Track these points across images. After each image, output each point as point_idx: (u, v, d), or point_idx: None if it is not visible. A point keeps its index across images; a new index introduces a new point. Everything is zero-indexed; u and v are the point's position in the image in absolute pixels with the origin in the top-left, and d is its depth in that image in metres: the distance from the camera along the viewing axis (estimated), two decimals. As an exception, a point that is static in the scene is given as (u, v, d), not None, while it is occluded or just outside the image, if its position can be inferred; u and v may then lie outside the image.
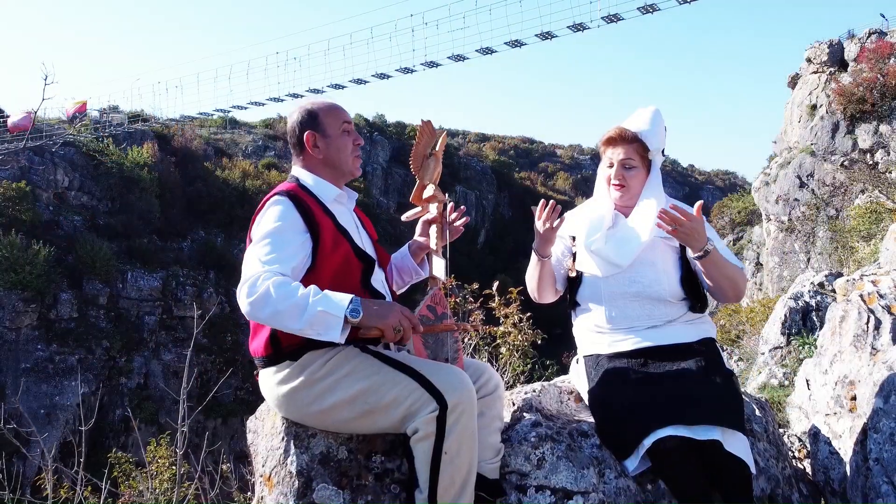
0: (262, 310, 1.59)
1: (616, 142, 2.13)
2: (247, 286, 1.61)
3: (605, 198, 2.18)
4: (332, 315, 1.57)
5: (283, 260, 1.67)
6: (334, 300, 1.59)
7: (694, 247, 1.89)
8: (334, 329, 1.58)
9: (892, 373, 2.11)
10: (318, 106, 1.91)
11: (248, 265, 1.67)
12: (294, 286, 1.61)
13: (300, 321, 1.57)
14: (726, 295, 1.99)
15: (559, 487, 1.84)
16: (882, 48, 22.01)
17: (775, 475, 2.16)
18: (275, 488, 1.80)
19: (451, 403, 1.63)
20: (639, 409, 1.86)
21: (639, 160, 2.12)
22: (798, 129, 25.47)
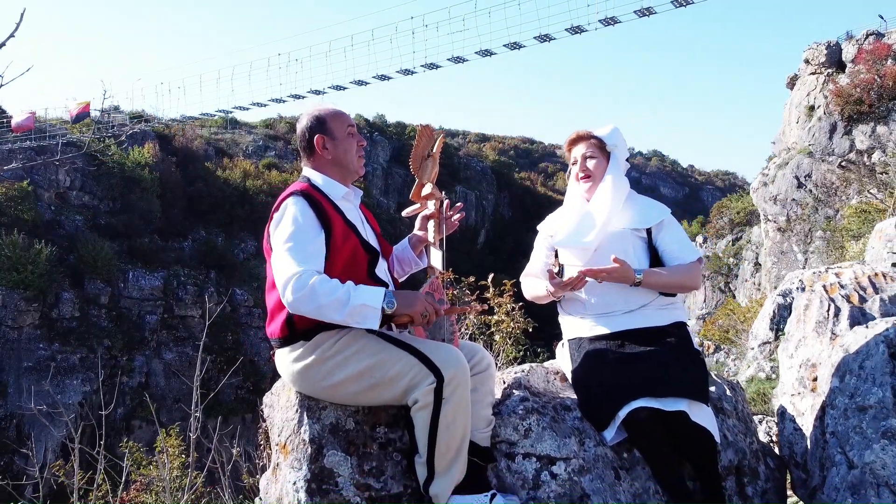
0: (307, 304, 1.77)
1: (577, 141, 2.41)
2: (292, 283, 1.77)
3: (577, 196, 2.41)
4: (371, 307, 1.77)
5: (314, 258, 1.85)
6: (371, 294, 1.79)
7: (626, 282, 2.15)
8: (372, 319, 1.78)
9: (848, 355, 2.29)
10: (325, 112, 2.08)
11: (284, 264, 1.83)
12: (334, 283, 1.79)
13: (341, 314, 1.76)
14: (681, 291, 2.24)
15: (544, 454, 2.03)
16: (879, 49, 22.14)
17: (743, 448, 2.34)
18: (290, 455, 1.98)
19: (447, 377, 1.81)
20: (615, 385, 2.05)
21: (598, 152, 2.37)
22: (796, 130, 25.60)
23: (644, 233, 2.29)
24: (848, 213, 10.83)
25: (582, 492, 1.96)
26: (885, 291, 2.56)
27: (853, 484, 2.08)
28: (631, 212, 2.31)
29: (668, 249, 2.25)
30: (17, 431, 20.61)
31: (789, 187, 22.65)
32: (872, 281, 2.61)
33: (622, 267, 2.09)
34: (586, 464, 2.00)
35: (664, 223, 2.30)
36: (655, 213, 2.32)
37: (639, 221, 2.29)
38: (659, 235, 2.28)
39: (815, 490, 2.25)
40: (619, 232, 2.27)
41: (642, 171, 78.69)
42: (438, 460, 1.84)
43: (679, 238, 2.29)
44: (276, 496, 2.01)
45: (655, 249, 2.28)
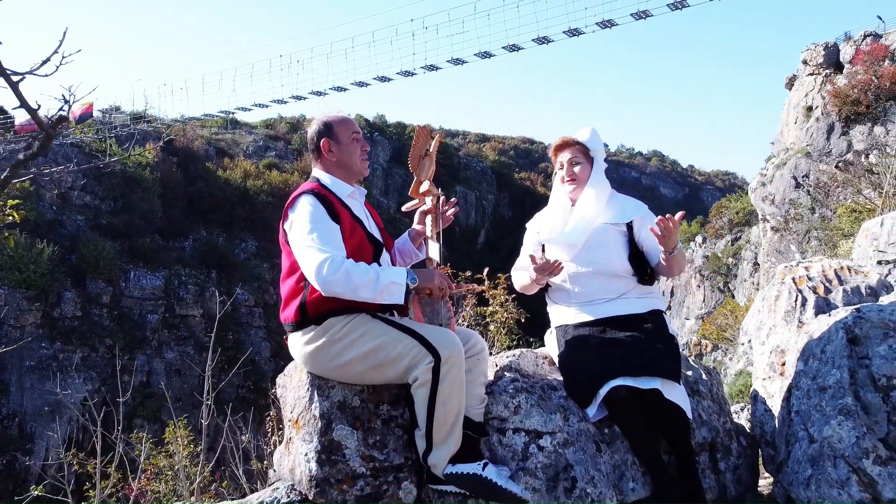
0: (343, 285, 1.97)
1: (563, 147, 2.60)
2: (327, 266, 1.97)
3: (562, 196, 2.61)
4: (398, 284, 2.00)
5: (338, 246, 2.05)
6: (397, 273, 2.03)
7: (668, 247, 2.28)
8: (399, 294, 2.00)
9: (811, 341, 2.48)
10: (332, 119, 2.30)
11: (310, 253, 2.01)
12: (364, 265, 2.00)
13: (374, 291, 1.98)
14: (672, 273, 2.40)
15: (531, 429, 2.22)
16: (877, 51, 22.31)
17: (716, 427, 2.54)
18: (301, 429, 2.17)
19: (444, 357, 2.01)
20: (597, 366, 2.25)
21: (583, 157, 2.58)
22: (794, 131, 25.77)
23: (624, 227, 2.49)
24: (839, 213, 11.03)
25: (566, 462, 2.16)
26: (848, 283, 2.76)
27: (813, 457, 2.27)
28: (612, 209, 2.51)
29: (653, 240, 2.44)
30: (20, 430, 20.75)
31: (787, 187, 22.80)
32: (838, 274, 2.81)
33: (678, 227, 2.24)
34: (570, 437, 2.20)
35: (644, 218, 2.50)
36: (633, 209, 2.53)
37: (619, 217, 2.50)
38: (641, 231, 2.48)
39: (782, 464, 2.45)
40: (601, 227, 2.48)
41: (642, 171, 78.79)
42: (436, 433, 2.04)
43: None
44: (289, 467, 2.21)
45: (634, 242, 2.47)
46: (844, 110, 22.00)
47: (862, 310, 2.43)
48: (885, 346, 2.30)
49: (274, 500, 2.11)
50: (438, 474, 2.08)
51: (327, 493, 2.09)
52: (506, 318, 3.77)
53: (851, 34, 24.72)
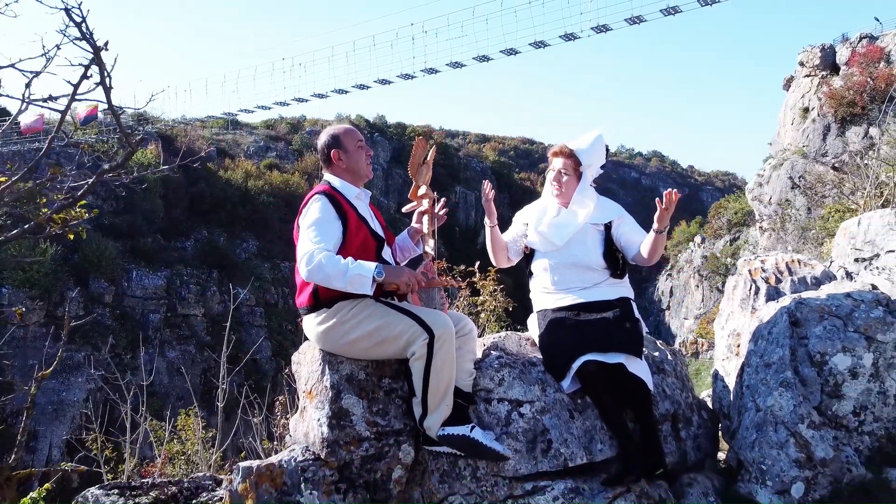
0: (317, 274, 2.29)
1: (558, 155, 2.88)
2: (306, 258, 2.30)
3: (551, 196, 2.92)
4: (365, 276, 2.28)
5: (327, 240, 2.36)
6: (365, 266, 2.30)
7: (662, 224, 2.58)
8: (366, 286, 2.29)
9: (761, 324, 2.82)
10: (339, 131, 2.65)
11: (303, 244, 2.36)
12: (338, 258, 2.30)
13: (343, 281, 2.28)
14: (651, 260, 2.69)
15: (513, 399, 2.55)
16: (872, 52, 22.63)
17: (678, 400, 2.87)
18: (314, 398, 2.51)
19: (437, 334, 2.34)
20: (570, 344, 2.58)
21: (572, 171, 2.85)
22: (791, 132, 26.09)
23: (602, 227, 2.81)
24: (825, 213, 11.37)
25: (543, 427, 2.49)
26: (797, 274, 3.10)
27: (758, 423, 2.61)
28: (594, 211, 2.83)
29: (630, 237, 2.78)
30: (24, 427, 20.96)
31: (784, 188, 23.10)
32: (789, 266, 3.15)
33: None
34: (547, 406, 2.53)
35: (621, 219, 2.83)
36: (612, 212, 2.85)
37: (598, 218, 2.83)
38: (619, 229, 2.81)
39: (734, 432, 2.78)
40: (582, 227, 2.80)
41: (642, 171, 79.03)
42: (431, 400, 2.37)
43: (636, 227, 2.82)
44: (304, 432, 2.54)
45: (610, 241, 2.79)
46: (840, 112, 22.31)
47: (803, 297, 2.76)
48: (820, 328, 2.64)
49: (291, 459, 2.44)
50: (433, 436, 2.41)
51: (337, 453, 2.42)
52: (495, 306, 4.11)
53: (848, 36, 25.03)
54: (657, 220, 2.57)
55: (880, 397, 2.55)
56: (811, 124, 24.35)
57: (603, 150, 2.91)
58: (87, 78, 1.63)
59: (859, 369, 2.55)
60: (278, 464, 2.43)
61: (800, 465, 2.47)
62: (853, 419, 2.53)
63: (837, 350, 2.57)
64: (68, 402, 21.13)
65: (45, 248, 21.25)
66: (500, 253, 2.91)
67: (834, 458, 2.46)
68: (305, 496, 2.37)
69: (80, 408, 20.25)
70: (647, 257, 2.70)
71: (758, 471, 2.54)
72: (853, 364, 2.55)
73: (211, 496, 3.15)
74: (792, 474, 2.46)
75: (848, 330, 2.60)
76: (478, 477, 2.49)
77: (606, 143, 2.94)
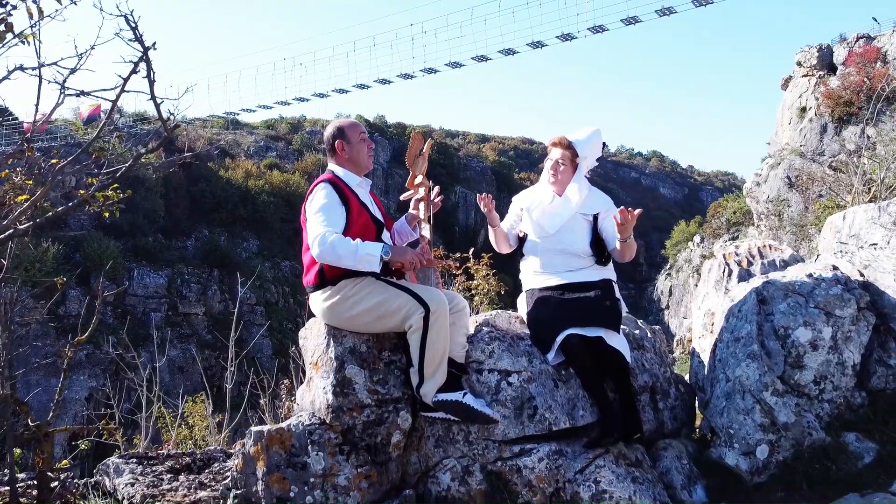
0: (329, 255, 2.52)
1: (557, 145, 3.08)
2: (318, 240, 2.52)
3: (547, 184, 3.12)
4: (374, 255, 2.51)
5: (335, 223, 2.59)
6: (374, 246, 2.53)
7: (624, 235, 2.77)
8: (375, 264, 2.51)
9: (733, 303, 3.05)
10: (344, 124, 2.87)
11: (313, 227, 2.58)
12: (347, 239, 2.53)
13: (353, 260, 2.51)
14: (623, 258, 2.90)
15: (503, 369, 2.78)
16: (869, 52, 22.87)
17: (656, 374, 3.09)
18: (320, 369, 2.73)
19: (432, 309, 2.56)
20: (555, 319, 2.80)
21: (568, 163, 3.06)
22: (789, 131, 26.33)
23: (591, 217, 3.03)
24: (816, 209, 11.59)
25: (529, 395, 2.72)
26: (767, 258, 3.33)
27: (727, 392, 2.84)
28: (584, 202, 3.05)
29: (611, 231, 2.96)
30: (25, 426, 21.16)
31: (781, 187, 23.31)
32: (760, 250, 3.38)
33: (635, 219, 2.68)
34: (533, 376, 2.76)
35: (608, 212, 3.04)
36: (600, 204, 3.06)
37: (588, 209, 3.04)
38: (604, 222, 3.02)
39: (708, 402, 3.01)
40: (573, 216, 3.02)
41: (642, 171, 79.15)
42: (427, 368, 2.59)
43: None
44: (310, 400, 2.77)
45: (597, 231, 3.01)
46: (837, 111, 22.53)
47: (770, 277, 2.99)
48: (784, 305, 2.86)
49: (299, 424, 2.67)
50: (428, 402, 2.63)
51: (341, 418, 2.64)
52: (488, 289, 4.35)
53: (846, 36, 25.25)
54: (618, 232, 2.77)
55: (839, 368, 2.78)
56: (808, 124, 24.57)
57: (599, 144, 3.11)
58: (135, 73, 1.86)
59: (819, 342, 2.77)
60: (287, 428, 2.66)
61: (764, 430, 2.69)
62: (814, 387, 2.76)
63: (799, 324, 2.80)
64: (70, 399, 21.27)
65: (48, 247, 21.43)
66: (502, 243, 3.15)
67: (795, 423, 2.68)
68: (312, 457, 2.60)
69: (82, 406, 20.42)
70: (619, 257, 2.92)
71: (726, 435, 2.77)
72: (814, 337, 2.78)
73: (222, 466, 3.38)
74: (757, 437, 2.69)
75: (809, 306, 2.83)
76: (470, 441, 2.72)
77: (604, 140, 3.16)
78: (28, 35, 1.81)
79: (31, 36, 1.81)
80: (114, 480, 3.07)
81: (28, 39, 1.80)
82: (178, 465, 3.31)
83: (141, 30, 1.76)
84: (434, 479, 2.72)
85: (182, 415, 6.19)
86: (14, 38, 1.80)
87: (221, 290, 27.57)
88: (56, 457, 7.49)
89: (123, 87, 1.91)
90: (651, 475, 2.69)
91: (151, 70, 1.86)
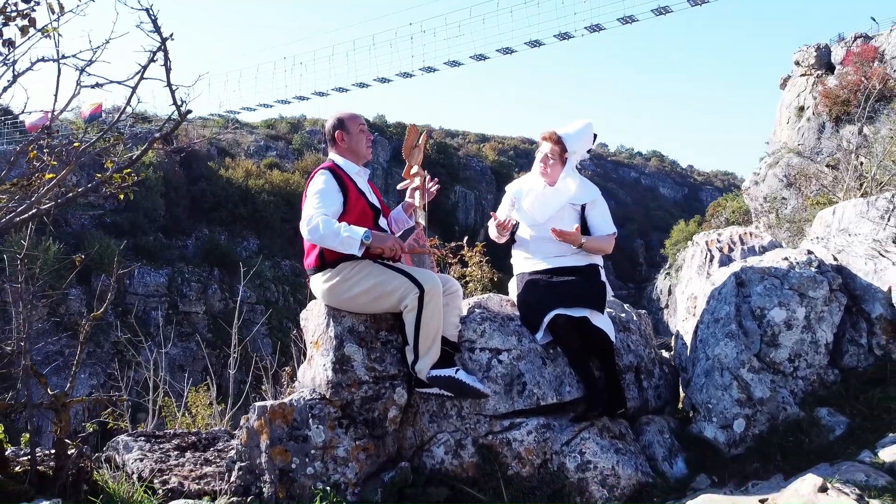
0: (314, 234, 2.67)
1: (546, 139, 3.22)
2: (306, 221, 2.68)
3: (538, 174, 3.26)
4: (355, 239, 2.62)
5: (327, 207, 2.74)
6: (356, 230, 2.65)
7: (573, 244, 2.99)
8: (355, 247, 2.63)
9: (714, 286, 3.20)
10: (344, 115, 3.01)
11: (306, 210, 2.74)
12: (333, 222, 2.67)
13: (336, 241, 2.64)
14: (602, 254, 3.09)
15: (493, 348, 2.93)
16: (866, 52, 23.00)
17: (641, 354, 3.24)
18: (321, 347, 2.88)
19: (426, 289, 2.71)
20: (543, 301, 2.95)
21: (558, 157, 3.19)
22: (787, 130, 26.46)
23: (579, 207, 3.18)
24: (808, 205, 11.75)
25: (519, 372, 2.87)
26: (746, 244, 3.48)
27: (707, 370, 2.98)
28: (574, 192, 3.19)
29: (595, 223, 3.14)
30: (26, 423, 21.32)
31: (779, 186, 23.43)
32: (741, 237, 3.53)
33: (576, 235, 2.98)
34: (522, 354, 2.91)
35: (595, 202, 3.19)
36: (587, 195, 3.21)
37: (576, 199, 3.19)
38: (591, 211, 3.17)
39: (689, 381, 3.16)
40: (562, 206, 3.17)
41: (642, 171, 79.24)
42: (421, 346, 2.74)
43: (604, 216, 3.16)
44: (311, 377, 2.92)
45: (585, 220, 3.16)
46: (835, 110, 22.65)
47: (748, 261, 3.14)
48: (761, 287, 3.01)
49: (300, 399, 2.81)
50: (423, 377, 2.78)
51: (340, 394, 2.79)
52: (481, 276, 4.51)
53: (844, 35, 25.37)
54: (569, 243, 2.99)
55: (812, 346, 2.92)
56: (806, 123, 24.69)
57: (590, 138, 3.24)
58: (153, 61, 2.01)
59: (793, 321, 2.92)
60: (289, 403, 2.80)
61: (741, 404, 2.84)
62: (788, 365, 2.90)
63: (775, 305, 2.94)
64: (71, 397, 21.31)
65: (49, 246, 21.57)
66: (502, 237, 3.27)
67: (771, 398, 2.83)
68: (313, 430, 2.74)
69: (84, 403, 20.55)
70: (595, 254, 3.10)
71: (705, 410, 2.91)
72: (788, 317, 2.92)
73: (226, 445, 3.52)
74: (734, 412, 2.84)
75: (784, 288, 2.98)
76: (462, 416, 2.86)
77: (595, 132, 3.27)
78: (49, 29, 1.95)
79: (52, 30, 1.95)
80: (123, 456, 3.21)
81: (50, 33, 1.95)
82: (183, 444, 3.46)
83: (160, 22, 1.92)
84: (429, 453, 2.86)
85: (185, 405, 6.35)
86: (36, 32, 1.94)
87: (222, 289, 27.70)
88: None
89: (143, 74, 2.06)
90: (634, 447, 2.84)
91: (168, 59, 2.01)
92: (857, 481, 2.26)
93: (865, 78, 21.51)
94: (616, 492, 2.66)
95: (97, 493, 2.55)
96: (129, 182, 2.35)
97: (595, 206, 3.17)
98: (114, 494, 2.56)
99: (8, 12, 1.90)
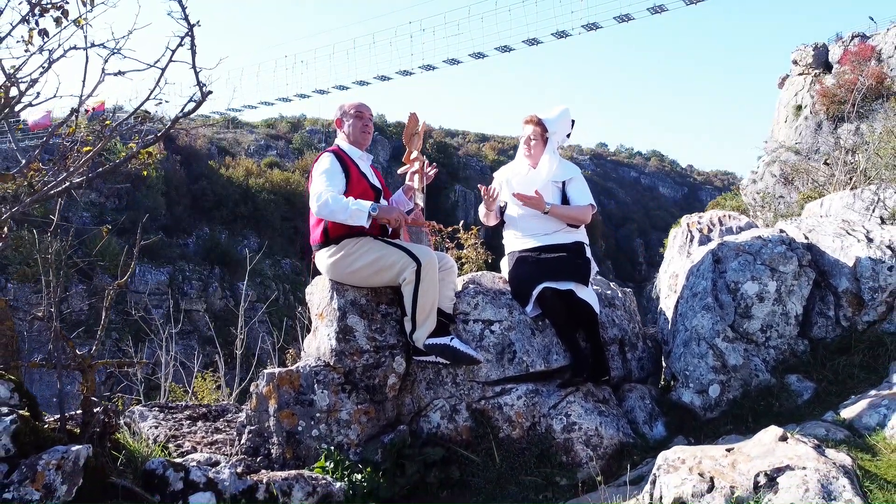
0: (324, 209, 2.88)
1: (529, 122, 3.44)
2: (315, 197, 2.91)
3: (523, 157, 3.47)
4: (363, 211, 2.84)
5: (334, 185, 2.97)
6: (363, 203, 2.88)
7: (539, 209, 3.19)
8: (363, 219, 2.85)
9: (693, 264, 3.41)
10: (346, 104, 3.24)
11: (315, 188, 2.96)
12: (341, 197, 2.92)
13: (345, 215, 2.86)
14: (571, 224, 3.26)
15: (486, 319, 3.14)
16: (864, 51, 23.22)
17: (625, 328, 3.45)
18: (325, 318, 3.09)
19: (423, 263, 2.92)
20: (532, 275, 3.16)
21: (539, 138, 3.41)
22: (785, 129, 26.68)
23: (560, 184, 3.40)
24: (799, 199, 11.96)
25: (509, 341, 3.08)
26: (725, 225, 3.69)
27: (685, 341, 3.19)
28: (555, 171, 3.41)
29: (573, 196, 3.36)
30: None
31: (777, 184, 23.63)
32: (720, 219, 3.74)
33: (538, 198, 3.17)
34: (513, 325, 3.12)
35: (574, 179, 3.40)
36: (568, 172, 3.42)
37: (557, 175, 3.40)
38: (570, 186, 3.38)
39: (670, 352, 3.36)
40: (545, 184, 3.38)
41: (641, 170, 79.42)
42: (418, 317, 2.95)
43: (581, 190, 3.38)
44: (316, 346, 3.12)
45: (566, 195, 3.37)
46: (832, 109, 22.86)
47: (725, 240, 3.35)
48: (735, 263, 3.22)
49: (306, 366, 3.02)
50: (420, 346, 2.99)
51: (343, 362, 3.00)
52: (476, 257, 4.73)
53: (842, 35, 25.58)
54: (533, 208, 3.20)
55: (783, 318, 3.13)
56: (803, 121, 24.91)
57: (569, 122, 3.47)
58: (181, 46, 2.21)
59: (765, 294, 3.13)
60: (296, 370, 3.01)
61: (716, 371, 3.05)
62: (760, 335, 3.11)
63: (748, 279, 3.15)
64: (72, 395, 21.50)
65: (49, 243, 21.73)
66: (490, 217, 3.49)
67: (744, 365, 3.04)
68: (318, 395, 2.95)
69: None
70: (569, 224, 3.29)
71: (683, 377, 3.12)
72: (760, 290, 3.13)
73: (234, 416, 3.73)
74: (709, 378, 3.05)
75: (757, 263, 3.19)
76: (457, 382, 3.07)
77: (573, 118, 3.50)
78: (81, 21, 2.16)
79: (82, 21, 2.15)
80: (138, 424, 3.42)
81: (81, 24, 2.15)
82: (195, 415, 3.67)
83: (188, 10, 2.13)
84: (426, 418, 3.07)
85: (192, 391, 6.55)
86: (69, 23, 2.14)
87: (222, 287, 27.89)
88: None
89: (172, 57, 2.26)
90: (616, 411, 3.05)
91: (194, 43, 2.22)
92: (818, 434, 2.47)
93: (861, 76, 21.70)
94: (599, 451, 2.87)
95: (119, 450, 2.75)
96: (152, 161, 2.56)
97: (574, 181, 3.38)
98: (134, 451, 2.76)
99: (44, 4, 2.11)
